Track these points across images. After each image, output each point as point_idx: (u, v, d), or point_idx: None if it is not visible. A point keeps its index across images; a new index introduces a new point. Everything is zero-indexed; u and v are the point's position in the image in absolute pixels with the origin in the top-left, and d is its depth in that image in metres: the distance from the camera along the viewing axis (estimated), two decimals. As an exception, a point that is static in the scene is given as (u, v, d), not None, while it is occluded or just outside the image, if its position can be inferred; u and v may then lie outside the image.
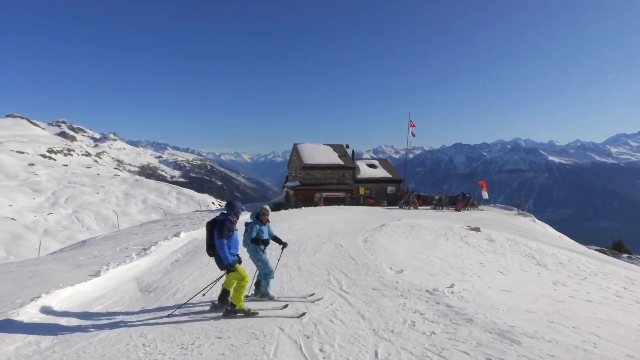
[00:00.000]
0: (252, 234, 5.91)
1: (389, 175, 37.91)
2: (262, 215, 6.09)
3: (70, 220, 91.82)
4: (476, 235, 16.65)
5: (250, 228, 5.99)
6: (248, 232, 6.05)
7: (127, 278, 8.49)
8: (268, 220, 6.23)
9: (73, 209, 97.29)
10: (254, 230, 5.94)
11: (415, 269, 8.57)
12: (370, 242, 12.71)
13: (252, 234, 5.90)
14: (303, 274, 8.12)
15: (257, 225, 5.99)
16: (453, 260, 11.10)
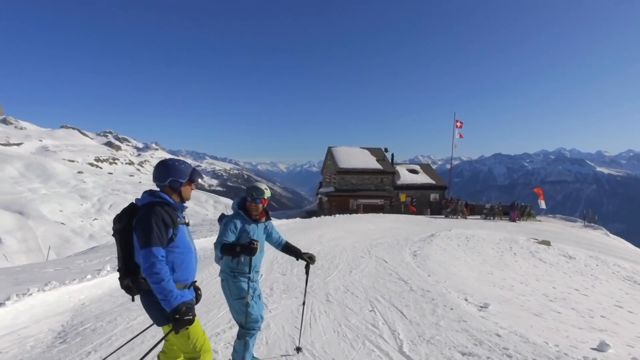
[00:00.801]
0: (225, 237, 3.08)
1: (432, 181, 34.76)
2: (250, 202, 3.25)
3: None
4: (549, 251, 13.97)
5: (224, 227, 3.15)
6: (219, 234, 3.20)
7: (67, 306, 5.77)
8: (265, 215, 3.38)
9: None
10: (229, 230, 3.11)
11: (502, 302, 5.93)
12: (422, 257, 10.29)
13: (223, 238, 3.08)
14: (332, 309, 5.18)
15: (238, 222, 3.18)
16: (536, 283, 8.41)
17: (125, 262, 2.39)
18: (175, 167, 2.53)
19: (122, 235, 2.40)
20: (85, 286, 6.49)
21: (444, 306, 5.22)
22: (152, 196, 2.48)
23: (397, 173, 34.43)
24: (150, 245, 2.22)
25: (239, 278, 3.17)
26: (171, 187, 2.52)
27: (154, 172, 2.54)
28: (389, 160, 35.64)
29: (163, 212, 2.36)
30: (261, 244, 3.34)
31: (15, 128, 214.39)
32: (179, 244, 2.43)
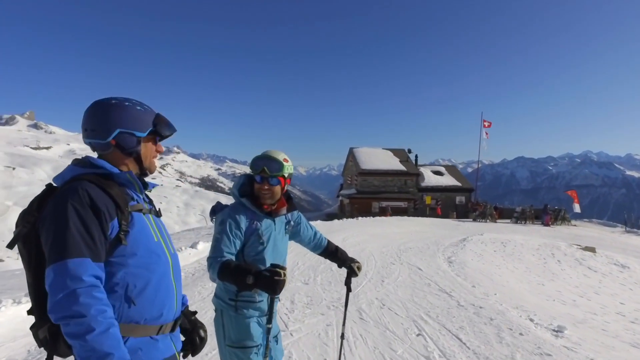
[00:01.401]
0: (223, 249, 1.89)
1: (458, 183, 33.27)
2: (260, 184, 2.03)
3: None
4: (596, 258, 12.70)
5: (220, 230, 1.96)
6: (213, 244, 1.95)
7: None
8: (287, 202, 2.17)
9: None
10: (229, 235, 1.93)
11: (576, 324, 4.83)
12: (458, 264, 9.25)
13: (221, 250, 1.89)
14: (370, 332, 4.11)
15: (242, 218, 2.00)
16: (599, 298, 7.28)
17: (41, 295, 1.24)
18: (125, 109, 1.40)
19: (31, 246, 1.26)
20: None
21: (510, 329, 4.16)
22: (79, 167, 1.35)
23: (421, 175, 33.09)
24: (65, 257, 1.13)
25: (245, 311, 1.99)
26: (120, 146, 1.39)
27: (86, 121, 1.39)
28: (412, 161, 34.34)
29: (95, 190, 1.25)
30: (282, 248, 2.19)
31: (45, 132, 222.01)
32: (136, 249, 1.30)
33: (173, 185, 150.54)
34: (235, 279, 1.72)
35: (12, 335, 4.00)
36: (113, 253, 1.26)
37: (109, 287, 1.25)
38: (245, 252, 2.01)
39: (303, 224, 2.35)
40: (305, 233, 2.38)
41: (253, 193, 2.08)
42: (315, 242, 2.44)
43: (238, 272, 1.72)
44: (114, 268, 1.26)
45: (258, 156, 2.07)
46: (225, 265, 1.78)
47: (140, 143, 1.44)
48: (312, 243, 2.44)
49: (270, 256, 2.05)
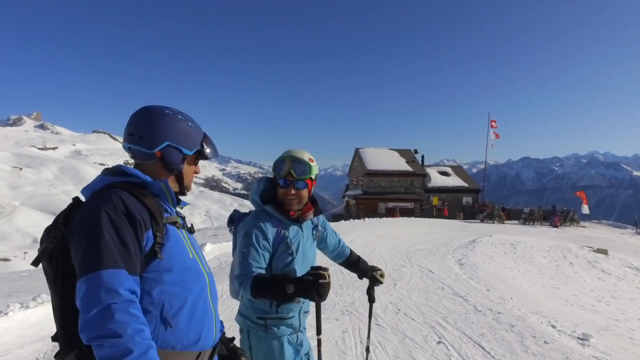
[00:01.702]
0: (253, 263, 1.70)
1: (465, 184, 33.01)
2: (285, 187, 1.82)
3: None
4: (609, 261, 12.53)
5: (246, 243, 1.76)
6: (241, 257, 1.74)
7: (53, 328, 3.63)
8: (315, 205, 1.97)
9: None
10: (257, 247, 1.74)
11: (601, 331, 4.65)
12: (469, 267, 9.12)
13: (250, 264, 1.69)
14: (388, 339, 3.94)
15: (269, 227, 1.81)
16: (617, 302, 7.08)
17: (66, 320, 1.12)
18: (177, 123, 1.30)
19: (58, 264, 1.14)
20: None
21: (533, 337, 4.01)
22: (110, 175, 1.23)
23: (427, 175, 32.87)
24: (99, 267, 1.00)
25: (276, 329, 1.81)
26: (164, 160, 1.28)
27: (133, 126, 1.28)
28: (419, 161, 34.12)
29: (129, 198, 1.13)
30: (311, 256, 1.99)
31: (52, 133, 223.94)
32: (172, 264, 1.17)
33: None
34: (273, 291, 1.56)
35: (20, 342, 3.87)
36: (147, 267, 1.13)
37: (143, 306, 1.10)
38: (272, 264, 1.83)
39: (329, 229, 2.17)
40: (331, 239, 2.20)
41: (276, 198, 1.89)
42: (339, 250, 2.26)
43: (275, 283, 1.56)
44: (148, 285, 1.13)
45: (281, 157, 1.86)
46: (258, 279, 1.61)
47: (184, 161, 1.33)
48: (335, 251, 2.24)
49: (300, 266, 1.87)
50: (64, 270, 1.12)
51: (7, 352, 3.63)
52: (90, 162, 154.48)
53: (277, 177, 1.86)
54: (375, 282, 2.26)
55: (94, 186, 1.21)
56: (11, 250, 67.32)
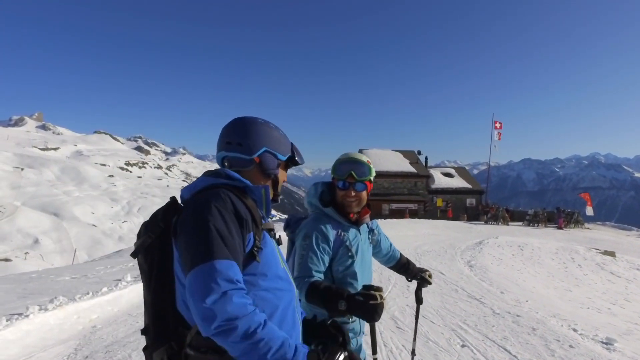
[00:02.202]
0: (312, 267, 1.69)
1: (469, 185, 32.97)
2: (345, 190, 1.81)
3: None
4: (617, 263, 12.51)
5: (307, 246, 1.74)
6: (301, 260, 1.74)
7: (74, 330, 4.39)
8: (369, 210, 1.93)
9: (144, 218, 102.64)
10: (317, 251, 1.72)
11: (624, 335, 4.62)
12: (479, 269, 9.11)
13: (310, 268, 1.68)
14: (410, 339, 3.42)
15: (329, 229, 1.79)
16: (632, 305, 7.04)
17: (158, 314, 1.14)
18: (271, 130, 1.36)
19: (154, 259, 1.17)
20: (98, 302, 5.17)
21: (557, 341, 3.98)
22: (212, 177, 1.25)
23: (431, 177, 32.85)
24: (212, 257, 1.01)
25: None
26: (262, 165, 1.32)
27: (231, 134, 1.32)
28: (422, 163, 34.08)
29: (236, 199, 1.16)
30: (369, 259, 1.98)
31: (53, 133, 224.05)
32: (267, 270, 1.17)
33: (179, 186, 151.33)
34: (326, 303, 1.52)
35: (42, 344, 3.87)
36: (245, 270, 1.14)
37: None
38: (333, 267, 1.82)
39: (382, 234, 2.16)
40: (384, 243, 2.18)
41: (334, 201, 1.87)
42: (391, 254, 2.24)
43: (328, 295, 1.52)
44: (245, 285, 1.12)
45: (342, 160, 1.86)
46: (314, 286, 1.59)
47: (279, 166, 1.39)
48: (388, 255, 2.23)
49: (359, 269, 1.86)
50: (159, 265, 1.16)
51: (30, 354, 3.62)
52: (91, 163, 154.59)
53: (337, 179, 1.85)
54: (423, 283, 2.27)
55: (195, 186, 1.24)
56: (12, 251, 67.34)
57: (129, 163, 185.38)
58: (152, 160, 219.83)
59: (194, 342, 1.08)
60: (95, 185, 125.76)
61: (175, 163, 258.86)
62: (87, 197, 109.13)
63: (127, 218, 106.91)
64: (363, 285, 1.50)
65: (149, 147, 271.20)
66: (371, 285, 1.48)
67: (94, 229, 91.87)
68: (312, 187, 1.97)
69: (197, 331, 1.07)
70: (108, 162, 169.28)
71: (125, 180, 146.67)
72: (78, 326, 4.50)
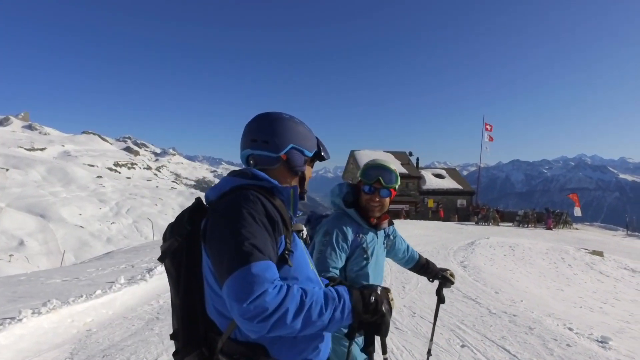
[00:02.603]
0: (330, 263, 1.74)
1: (459, 186, 33.30)
2: (371, 194, 1.86)
3: (130, 230, 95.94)
4: (605, 263, 12.77)
5: (326, 242, 1.79)
6: (319, 256, 1.79)
7: (68, 334, 4.26)
8: (389, 216, 1.98)
9: (133, 219, 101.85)
10: (335, 249, 1.76)
11: (617, 334, 4.72)
12: (473, 269, 9.21)
13: (328, 264, 1.74)
14: (412, 343, 3.89)
15: (349, 231, 1.85)
16: (621, 304, 7.20)
17: (188, 319, 1.11)
18: (297, 125, 1.32)
19: (181, 263, 1.14)
20: (92, 305, 5.03)
21: (555, 340, 4.04)
22: (239, 177, 1.20)
23: (422, 178, 33.09)
24: (249, 261, 0.96)
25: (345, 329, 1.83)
26: (289, 163, 1.28)
27: (256, 132, 1.28)
28: (414, 164, 34.30)
29: (266, 201, 1.11)
30: (382, 263, 2.05)
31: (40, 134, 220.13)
32: (298, 273, 1.14)
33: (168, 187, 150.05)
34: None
35: (37, 349, 3.77)
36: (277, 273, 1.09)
37: None
38: (348, 266, 1.87)
39: (398, 237, 2.23)
40: (400, 246, 2.24)
41: (356, 203, 1.93)
42: (409, 256, 2.29)
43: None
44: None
45: (371, 165, 1.92)
46: (330, 281, 1.61)
47: (305, 163, 1.34)
48: (405, 257, 2.28)
49: (372, 271, 1.91)
50: (187, 269, 1.13)
51: (25, 359, 3.53)
52: (79, 164, 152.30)
53: (364, 182, 1.90)
54: (445, 282, 2.33)
55: (221, 187, 1.20)
56: (-4, 253, 65.96)
57: (118, 164, 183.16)
58: (141, 161, 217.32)
59: (226, 349, 1.05)
60: (83, 186, 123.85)
61: (164, 164, 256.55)
62: (74, 198, 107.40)
63: (116, 219, 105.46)
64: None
65: (138, 148, 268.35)
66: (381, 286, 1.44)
67: (81, 230, 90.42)
68: (336, 186, 2.02)
69: (228, 337, 1.05)
70: (96, 162, 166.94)
71: (114, 181, 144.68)
72: (73, 330, 4.39)
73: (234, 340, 1.06)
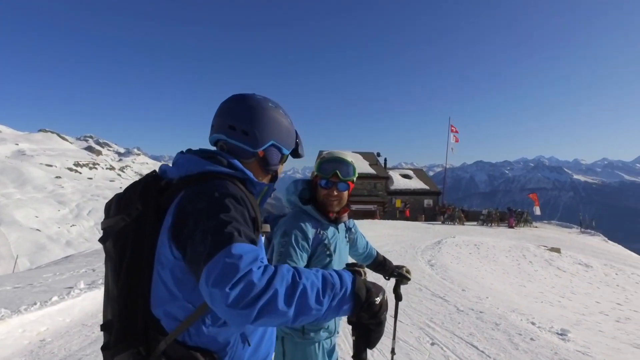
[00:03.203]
0: (288, 262, 1.64)
1: (426, 186, 34.05)
2: (328, 188, 1.77)
3: (92, 232, 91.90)
4: (562, 259, 13.41)
5: (286, 244, 1.68)
6: (279, 252, 1.69)
7: (19, 345, 3.94)
8: (348, 209, 1.89)
9: (95, 221, 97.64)
10: (297, 250, 1.67)
11: (574, 326, 4.94)
12: (440, 267, 9.40)
13: (287, 261, 1.63)
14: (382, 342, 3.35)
15: (309, 228, 1.75)
16: (576, 297, 7.59)
17: (127, 312, 0.96)
18: (281, 118, 1.18)
19: (126, 246, 0.97)
20: (47, 313, 4.67)
21: (519, 335, 4.17)
22: (216, 163, 1.05)
23: (390, 178, 33.61)
24: (230, 242, 0.84)
25: (313, 335, 1.73)
26: (265, 160, 1.16)
27: (236, 119, 1.11)
28: (381, 164, 34.78)
29: (243, 195, 0.99)
30: (345, 258, 1.95)
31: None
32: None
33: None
34: None
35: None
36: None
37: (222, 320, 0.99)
38: (310, 265, 1.79)
39: (359, 232, 2.17)
40: (361, 242, 2.18)
41: (314, 199, 1.85)
42: (367, 252, 2.23)
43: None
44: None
45: (327, 158, 1.82)
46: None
47: (281, 161, 1.22)
48: (364, 253, 2.22)
49: (337, 268, 1.83)
50: (132, 253, 0.96)
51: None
52: (35, 163, 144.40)
53: (320, 177, 1.81)
54: (402, 280, 2.28)
55: (187, 168, 1.04)
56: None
57: (79, 164, 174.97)
58: (103, 161, 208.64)
59: (170, 351, 0.92)
60: (40, 187, 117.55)
61: (129, 164, 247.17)
62: (30, 200, 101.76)
63: (76, 222, 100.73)
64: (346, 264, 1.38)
65: (101, 147, 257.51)
66: (353, 263, 1.25)
67: (37, 233, 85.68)
68: (291, 184, 1.93)
69: (175, 339, 0.92)
70: (55, 162, 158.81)
71: (74, 181, 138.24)
72: (24, 341, 4.08)
73: (181, 344, 0.93)
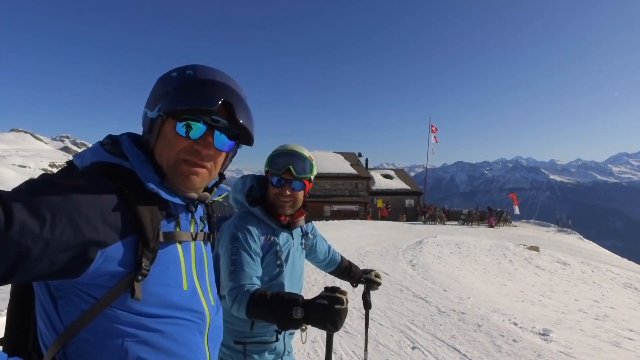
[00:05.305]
0: (248, 273, 1.39)
1: (407, 187, 34.26)
2: (280, 187, 1.53)
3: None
4: (541, 257, 13.58)
5: (234, 250, 1.44)
6: (231, 268, 1.41)
7: None
8: (307, 212, 1.67)
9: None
10: (248, 255, 1.43)
11: (556, 325, 4.87)
12: (421, 267, 9.32)
13: (245, 275, 1.39)
14: (360, 344, 3.65)
15: (255, 232, 1.50)
16: (555, 295, 7.61)
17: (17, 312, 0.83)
18: (156, 84, 0.95)
19: None
20: None
21: (502, 336, 4.06)
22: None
23: (371, 178, 33.67)
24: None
25: (257, 357, 1.52)
26: None
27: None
28: (363, 165, 34.83)
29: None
30: (300, 268, 1.72)
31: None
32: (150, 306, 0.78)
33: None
34: (277, 314, 1.22)
35: None
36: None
37: None
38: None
39: (318, 237, 1.90)
40: (321, 247, 1.91)
41: (264, 200, 1.59)
42: (330, 258, 1.98)
43: (279, 303, 1.23)
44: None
45: (279, 152, 1.57)
46: (260, 297, 1.28)
47: (151, 129, 0.97)
48: (326, 260, 1.97)
49: (288, 279, 1.59)
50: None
51: None
52: (7, 164, 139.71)
53: (271, 174, 1.56)
54: (372, 285, 2.04)
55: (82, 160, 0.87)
56: None
57: (54, 165, 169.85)
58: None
59: None
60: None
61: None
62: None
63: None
64: (325, 287, 1.22)
65: (78, 148, 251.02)
66: (334, 287, 1.21)
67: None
68: (239, 180, 1.66)
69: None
70: (28, 163, 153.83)
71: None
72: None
73: None
